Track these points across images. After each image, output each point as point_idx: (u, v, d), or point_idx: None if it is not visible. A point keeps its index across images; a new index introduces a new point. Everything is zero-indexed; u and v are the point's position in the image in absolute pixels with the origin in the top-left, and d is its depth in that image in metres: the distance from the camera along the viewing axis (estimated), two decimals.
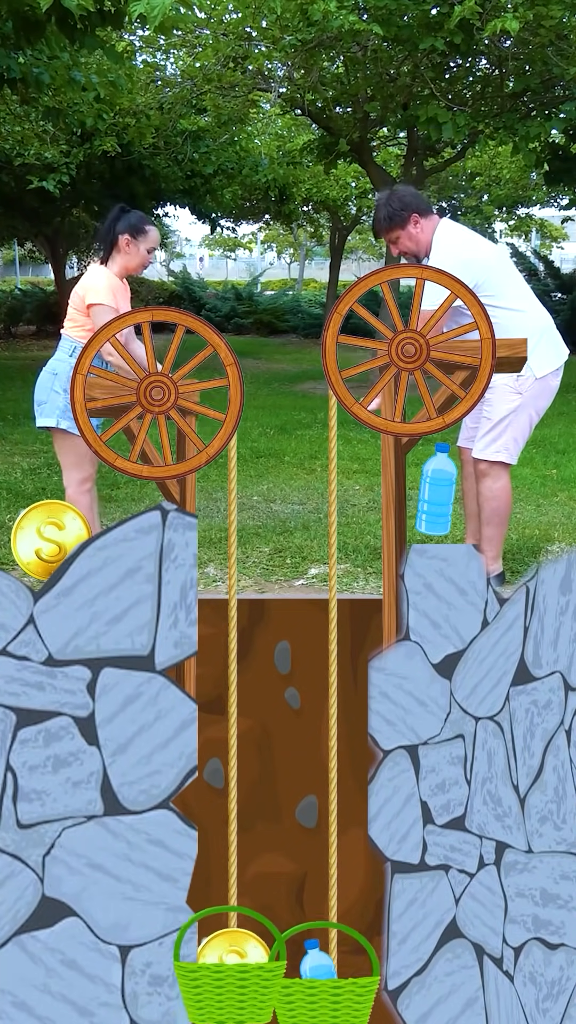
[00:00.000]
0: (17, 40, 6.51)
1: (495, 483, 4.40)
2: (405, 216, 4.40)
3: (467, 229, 4.61)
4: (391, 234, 4.46)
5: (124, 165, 13.60)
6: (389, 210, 4.42)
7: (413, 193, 4.56)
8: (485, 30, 8.26)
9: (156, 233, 4.63)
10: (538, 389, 4.36)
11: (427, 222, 4.42)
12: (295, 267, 36.71)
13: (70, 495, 4.60)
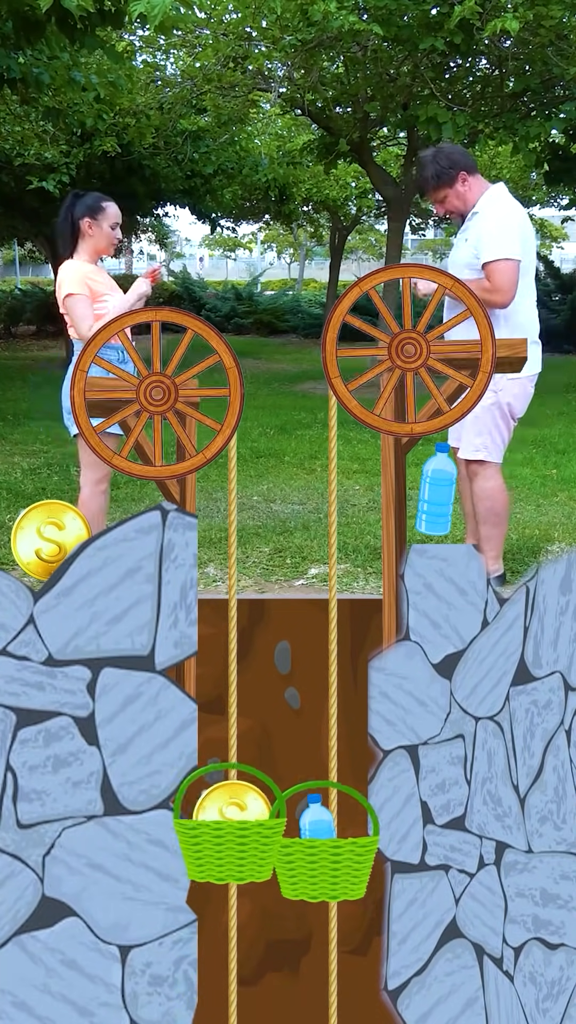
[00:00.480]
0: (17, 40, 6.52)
1: (486, 482, 4.38)
2: (453, 174, 4.25)
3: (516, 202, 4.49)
4: (439, 193, 4.30)
5: (124, 165, 13.61)
6: (437, 167, 4.25)
7: (460, 151, 4.41)
8: (485, 30, 8.27)
9: (115, 208, 4.58)
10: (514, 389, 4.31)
11: (474, 180, 4.30)
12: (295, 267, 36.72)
13: (85, 495, 4.60)
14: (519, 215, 4.30)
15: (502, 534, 4.57)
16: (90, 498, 4.58)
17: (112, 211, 4.58)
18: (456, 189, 4.30)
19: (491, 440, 4.37)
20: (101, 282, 4.59)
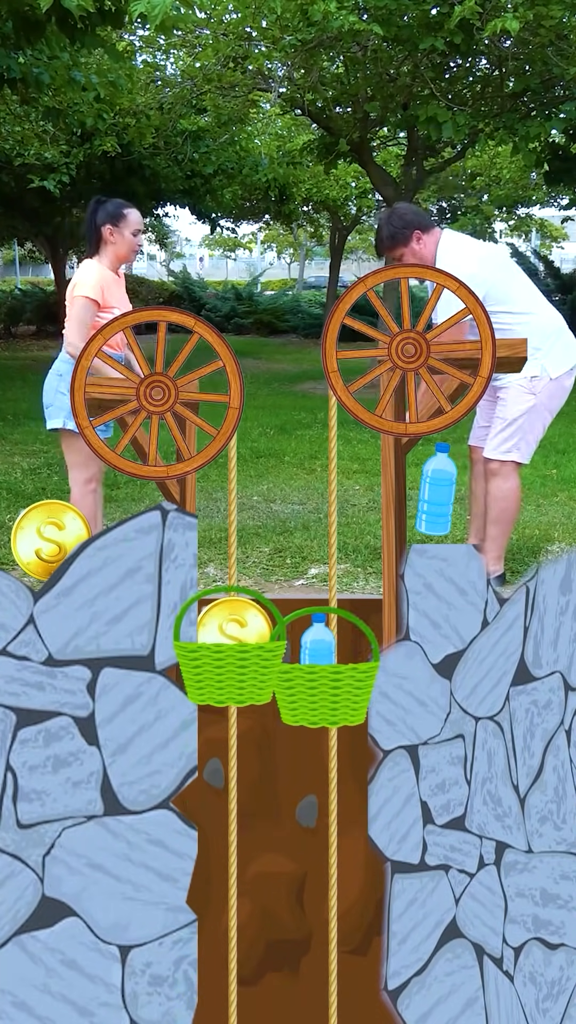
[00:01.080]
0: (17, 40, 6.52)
1: (505, 483, 4.40)
2: (407, 234, 4.41)
3: (469, 239, 4.62)
4: (394, 252, 4.48)
5: (124, 165, 13.62)
6: (391, 229, 4.44)
7: (414, 210, 4.59)
8: (485, 30, 8.27)
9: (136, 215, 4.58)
10: (552, 389, 4.37)
11: (429, 237, 4.43)
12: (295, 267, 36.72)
13: (75, 495, 4.59)
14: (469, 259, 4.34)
15: (507, 535, 4.60)
16: (81, 498, 4.57)
17: (133, 218, 4.58)
18: (412, 247, 4.48)
19: (524, 443, 4.41)
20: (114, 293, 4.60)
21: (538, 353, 4.22)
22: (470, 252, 4.40)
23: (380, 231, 4.55)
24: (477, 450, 4.65)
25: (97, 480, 4.62)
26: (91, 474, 4.53)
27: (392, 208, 4.70)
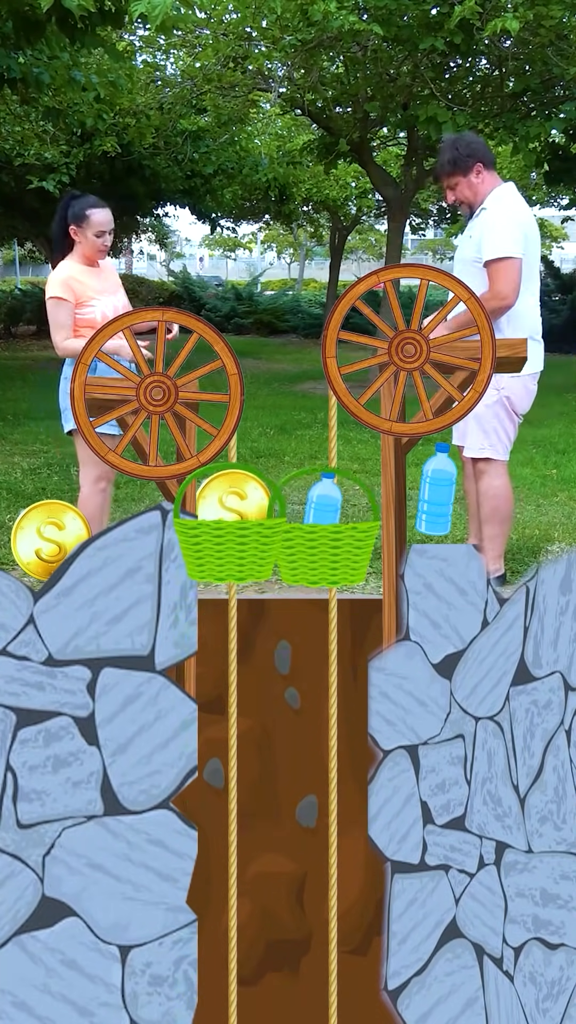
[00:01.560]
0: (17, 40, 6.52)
1: (493, 481, 4.39)
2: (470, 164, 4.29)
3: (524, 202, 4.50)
4: (452, 179, 4.33)
5: (124, 165, 13.62)
6: (455, 154, 4.30)
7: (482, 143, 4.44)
8: (485, 30, 8.27)
9: (100, 215, 4.45)
10: (516, 388, 4.31)
11: (488, 175, 4.32)
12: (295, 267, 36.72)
13: (84, 493, 4.60)
14: (524, 215, 4.31)
15: (505, 534, 4.58)
16: (89, 496, 4.57)
17: (96, 219, 4.47)
18: (469, 179, 4.33)
19: (496, 438, 4.38)
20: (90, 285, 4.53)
21: None
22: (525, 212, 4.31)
23: (442, 154, 4.39)
24: (463, 449, 4.65)
25: (107, 480, 4.63)
26: (100, 472, 4.53)
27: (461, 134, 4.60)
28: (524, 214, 4.32)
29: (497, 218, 4.22)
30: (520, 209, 4.31)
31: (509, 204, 4.27)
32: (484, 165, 4.31)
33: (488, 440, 4.36)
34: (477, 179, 4.31)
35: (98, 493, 4.59)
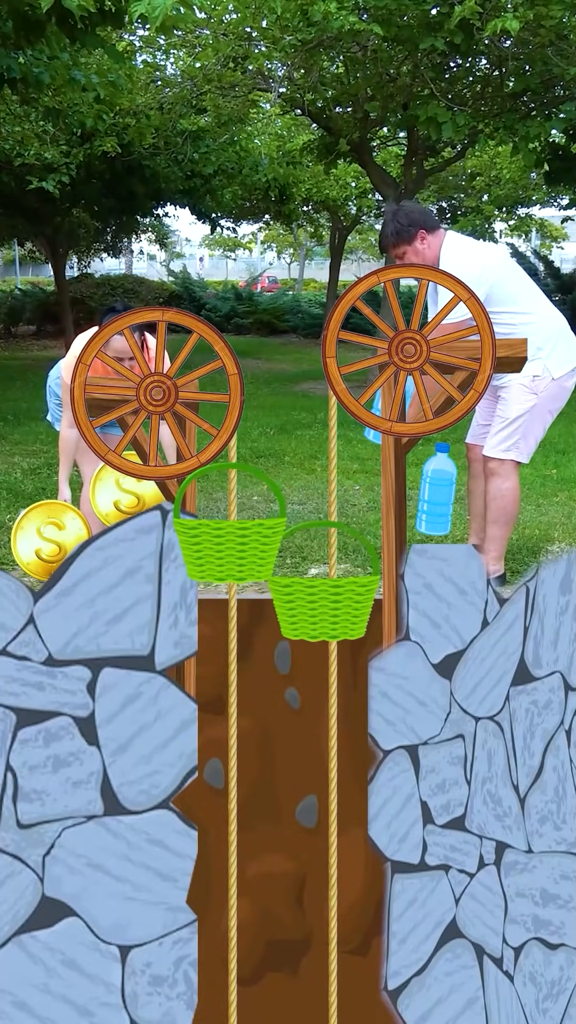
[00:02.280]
0: (17, 40, 6.52)
1: (504, 482, 4.40)
2: (412, 232, 4.40)
3: (471, 240, 4.61)
4: (397, 249, 4.47)
5: (124, 165, 13.62)
6: (396, 226, 4.43)
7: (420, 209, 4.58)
8: (485, 30, 8.27)
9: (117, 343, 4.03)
10: (554, 390, 4.37)
11: (433, 238, 4.42)
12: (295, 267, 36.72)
13: (84, 491, 4.61)
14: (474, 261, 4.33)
15: (507, 536, 4.59)
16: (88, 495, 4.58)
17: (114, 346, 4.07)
18: (415, 247, 4.47)
19: (524, 442, 4.42)
20: None
21: (540, 353, 4.22)
22: (473, 254, 4.40)
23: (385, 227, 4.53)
24: (475, 448, 4.65)
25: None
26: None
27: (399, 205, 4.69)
28: (473, 257, 4.36)
29: None
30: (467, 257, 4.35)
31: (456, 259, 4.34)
32: (426, 230, 4.42)
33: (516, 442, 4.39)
34: (422, 245, 4.44)
35: None
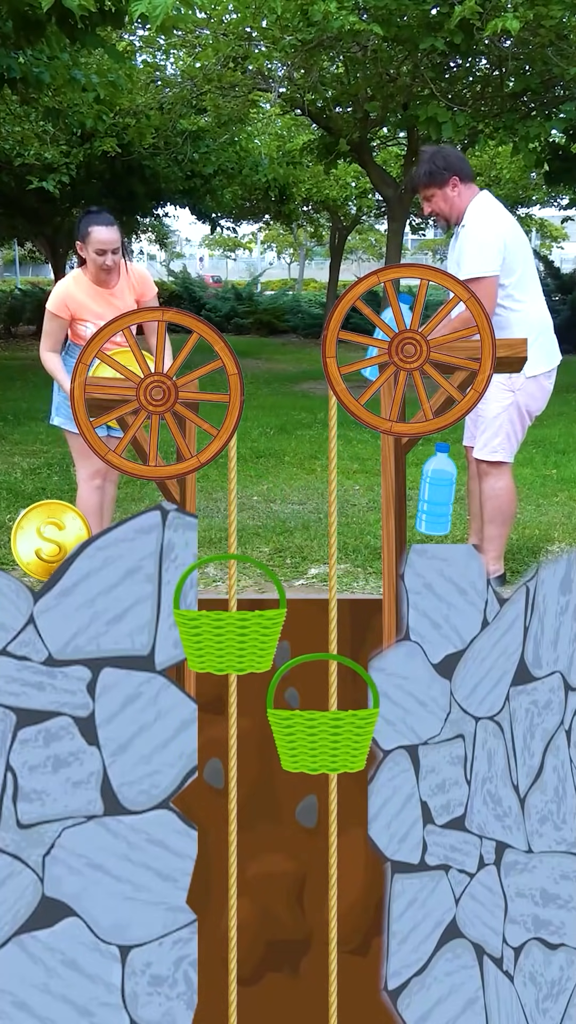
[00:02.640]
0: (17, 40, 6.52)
1: (497, 482, 4.39)
2: (445, 176, 4.26)
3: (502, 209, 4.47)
4: (427, 191, 4.31)
5: (124, 165, 13.62)
6: (431, 167, 4.27)
7: (459, 156, 4.39)
8: (485, 30, 8.27)
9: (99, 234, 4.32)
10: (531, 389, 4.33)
11: (465, 189, 4.30)
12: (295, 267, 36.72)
13: (81, 491, 4.60)
14: (501, 224, 4.29)
15: (505, 535, 4.57)
16: (86, 495, 4.57)
17: (96, 237, 4.32)
18: (444, 192, 4.31)
19: (507, 441, 4.39)
20: (88, 306, 4.40)
21: None
22: (500, 222, 4.30)
23: (419, 166, 4.35)
24: (470, 449, 4.65)
25: (104, 477, 4.60)
26: (94, 470, 4.51)
27: (440, 147, 4.56)
28: (501, 223, 4.30)
29: (473, 236, 4.23)
30: (495, 220, 4.29)
31: (485, 218, 4.26)
32: (460, 179, 4.30)
33: (500, 442, 4.36)
34: (453, 192, 4.30)
35: (94, 491, 4.57)
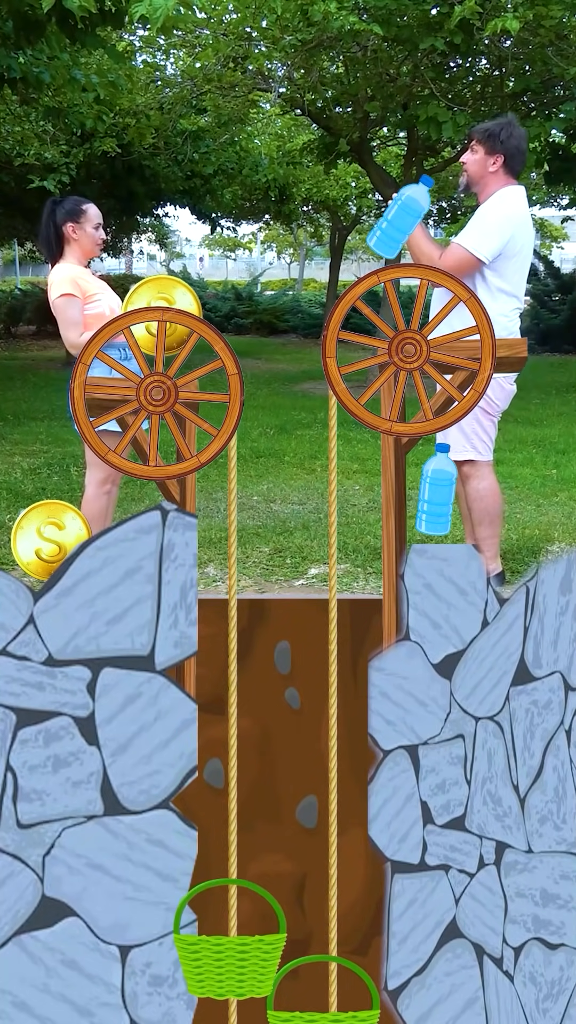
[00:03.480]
0: (17, 40, 6.52)
1: (479, 483, 4.36)
2: (496, 147, 4.23)
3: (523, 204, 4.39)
4: (476, 144, 4.28)
5: (124, 165, 13.62)
6: (495, 130, 4.25)
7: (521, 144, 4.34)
8: (485, 30, 8.27)
9: (94, 209, 4.61)
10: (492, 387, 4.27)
11: (502, 171, 4.25)
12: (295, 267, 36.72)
13: (88, 494, 4.60)
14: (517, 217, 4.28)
15: (497, 534, 4.56)
16: (93, 499, 4.57)
17: (92, 212, 4.60)
18: (485, 159, 4.27)
19: (477, 439, 4.34)
20: (91, 283, 4.62)
21: None
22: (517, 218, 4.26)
23: (490, 122, 4.36)
24: None
25: (113, 483, 4.63)
26: (106, 475, 4.53)
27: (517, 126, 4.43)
28: (517, 216, 4.29)
29: (485, 215, 4.23)
30: (513, 211, 4.28)
31: (505, 208, 4.25)
32: (506, 161, 4.26)
33: (469, 442, 4.33)
34: (490, 166, 4.26)
35: (102, 496, 4.59)
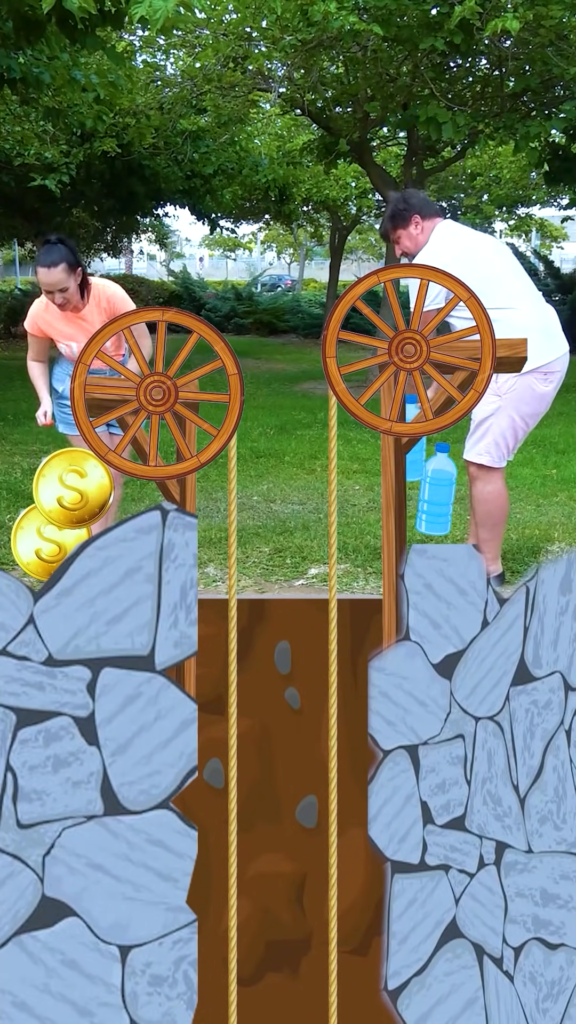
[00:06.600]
0: (17, 40, 6.52)
1: (486, 486, 4.36)
2: (407, 216, 4.46)
3: (463, 229, 4.55)
4: (394, 233, 4.54)
5: (124, 165, 13.62)
6: (394, 209, 4.53)
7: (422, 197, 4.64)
8: (485, 30, 8.27)
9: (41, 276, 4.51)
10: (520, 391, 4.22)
11: (428, 224, 4.45)
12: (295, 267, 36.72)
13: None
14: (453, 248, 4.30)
15: (499, 537, 4.56)
16: None
17: (39, 279, 4.55)
18: (408, 230, 4.54)
19: (495, 446, 4.33)
20: (58, 328, 4.68)
21: None
22: (448, 244, 4.33)
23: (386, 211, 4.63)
24: None
25: (116, 484, 4.65)
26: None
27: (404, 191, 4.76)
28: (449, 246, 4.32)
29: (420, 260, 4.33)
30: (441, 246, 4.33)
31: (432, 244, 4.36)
32: (422, 216, 4.47)
33: (486, 446, 4.32)
34: (416, 230, 4.51)
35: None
